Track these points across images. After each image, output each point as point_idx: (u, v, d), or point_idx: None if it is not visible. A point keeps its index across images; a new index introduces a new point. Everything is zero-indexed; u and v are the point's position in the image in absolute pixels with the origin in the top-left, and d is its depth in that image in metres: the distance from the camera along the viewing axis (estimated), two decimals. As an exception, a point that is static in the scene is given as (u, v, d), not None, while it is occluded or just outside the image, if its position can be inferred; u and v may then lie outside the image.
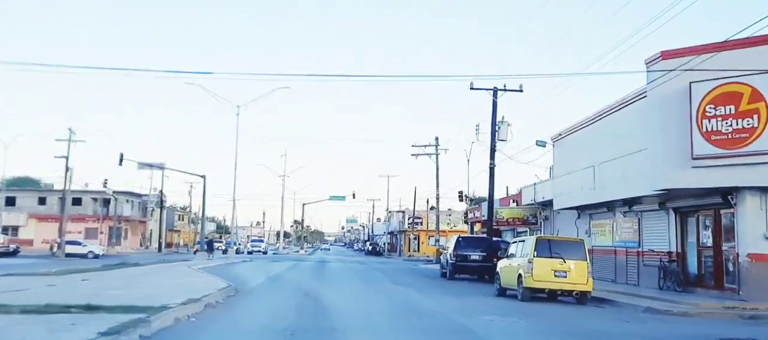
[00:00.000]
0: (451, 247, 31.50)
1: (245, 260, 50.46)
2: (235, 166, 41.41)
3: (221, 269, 31.59)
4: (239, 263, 42.72)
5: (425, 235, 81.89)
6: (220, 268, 33.32)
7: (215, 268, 32.78)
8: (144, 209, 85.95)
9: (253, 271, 32.43)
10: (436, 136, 57.93)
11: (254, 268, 36.02)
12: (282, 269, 36.52)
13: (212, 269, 31.67)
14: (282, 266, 39.34)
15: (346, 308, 15.96)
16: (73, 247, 54.04)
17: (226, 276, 25.35)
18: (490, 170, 34.10)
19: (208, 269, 30.43)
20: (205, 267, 32.90)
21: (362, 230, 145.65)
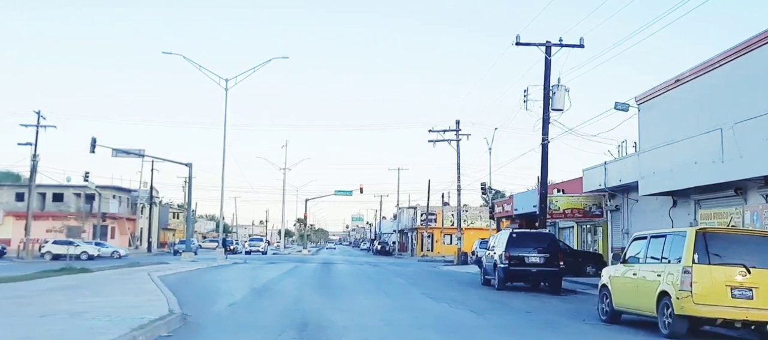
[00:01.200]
0: (501, 245, 23.33)
1: (238, 261, 42.38)
2: (224, 150, 34.92)
3: (193, 278, 23.58)
4: (227, 267, 34.66)
5: (440, 233, 73.76)
6: (192, 276, 25.29)
7: (186, 275, 24.78)
8: (133, 206, 77.98)
9: (236, 279, 24.29)
10: (457, 119, 49.92)
11: (240, 274, 27.90)
12: (277, 274, 28.46)
13: (181, 277, 23.66)
14: (277, 271, 31.26)
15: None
16: (60, 247, 47.03)
17: (189, 291, 17.34)
18: (542, 147, 26.01)
19: (174, 278, 22.37)
20: (176, 273, 24.88)
21: (368, 229, 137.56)
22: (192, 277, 24.02)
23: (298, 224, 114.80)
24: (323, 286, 22.24)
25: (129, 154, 42.25)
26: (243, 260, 44.17)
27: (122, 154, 42.26)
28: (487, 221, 75.44)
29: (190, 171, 42.56)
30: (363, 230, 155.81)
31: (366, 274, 32.09)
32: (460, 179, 49.58)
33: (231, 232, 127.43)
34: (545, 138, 25.38)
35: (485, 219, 75.17)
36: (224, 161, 41.51)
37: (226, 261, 38.89)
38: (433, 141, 49.80)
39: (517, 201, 41.60)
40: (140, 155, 41.95)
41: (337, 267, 39.48)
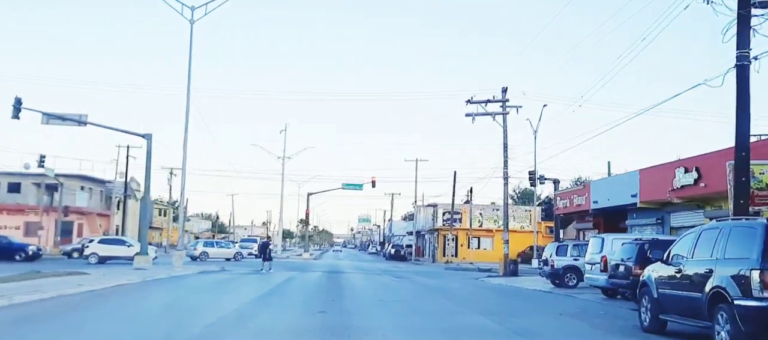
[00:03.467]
0: (686, 249, 11.40)
1: (210, 270, 30.65)
2: (188, 109, 25.66)
3: (111, 304, 11.86)
4: (185, 277, 23.07)
5: (465, 235, 61.87)
6: (115, 296, 13.57)
7: (108, 294, 13.04)
8: (108, 200, 66.38)
9: (179, 310, 12.64)
10: (504, 86, 38.11)
11: (194, 296, 16.16)
12: (255, 295, 16.82)
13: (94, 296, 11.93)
14: (256, 289, 19.55)
15: None
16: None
17: None
18: (738, 69, 14.04)
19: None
20: (91, 292, 13.15)
21: (376, 231, 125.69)
22: (46, 312, 12.32)
23: (300, 225, 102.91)
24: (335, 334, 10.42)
25: (65, 120, 30.67)
26: (219, 268, 32.39)
27: (56, 120, 30.71)
28: (523, 221, 63.64)
29: (148, 145, 31.01)
30: (370, 232, 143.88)
31: (396, 293, 20.54)
32: (507, 163, 37.71)
33: (228, 233, 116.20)
34: (745, 52, 13.46)
35: (520, 219, 63.34)
36: (187, 127, 29.93)
37: (190, 269, 27.03)
38: (472, 115, 37.97)
39: (598, 191, 29.83)
40: (80, 122, 30.36)
41: (349, 279, 27.85)
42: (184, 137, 30.45)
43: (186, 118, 29.76)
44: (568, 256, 25.78)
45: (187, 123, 29.95)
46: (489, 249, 61.16)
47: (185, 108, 29.86)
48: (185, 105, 29.92)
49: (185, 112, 29.81)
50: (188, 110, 29.95)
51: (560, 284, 25.69)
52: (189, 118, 29.90)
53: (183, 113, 30.36)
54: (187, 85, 29.92)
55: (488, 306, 17.02)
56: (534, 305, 17.98)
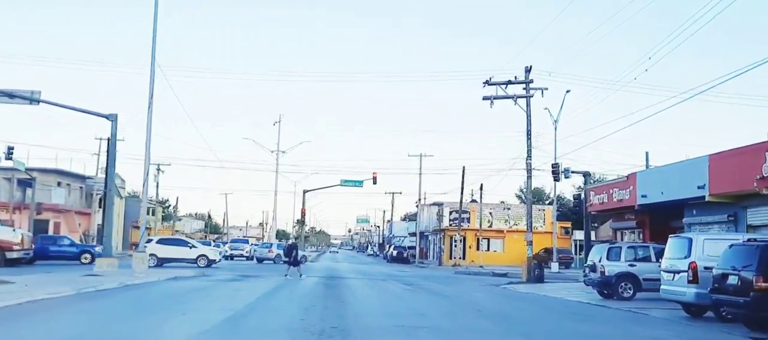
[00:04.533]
0: None
1: (186, 276, 25.54)
2: (152, 80, 21.75)
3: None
4: (141, 287, 18.02)
5: (473, 236, 56.81)
6: None
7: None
8: (88, 197, 61.24)
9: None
10: (527, 65, 33.14)
11: (127, 322, 11.17)
12: (223, 316, 11.85)
13: None
14: (230, 306, 14.34)
15: None
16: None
17: None
18: None
19: None
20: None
21: (376, 231, 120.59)
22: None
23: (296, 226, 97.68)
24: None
25: (13, 98, 25.66)
26: (199, 274, 27.29)
27: (3, 97, 25.58)
28: (536, 221, 58.48)
29: (113, 127, 26.15)
30: (368, 233, 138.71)
31: (414, 308, 15.61)
32: (531, 153, 32.76)
33: (222, 233, 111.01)
34: None
35: (534, 219, 58.07)
36: (151, 100, 24.86)
37: (144, 278, 21.75)
38: (491, 98, 33.10)
39: (647, 183, 24.85)
40: (32, 100, 25.38)
41: (351, 288, 22.83)
42: (148, 116, 25.37)
43: (151, 87, 24.70)
44: (622, 261, 20.81)
45: (151, 94, 24.84)
46: (499, 251, 56.17)
47: (149, 77, 24.79)
48: (149, 75, 24.87)
49: (149, 81, 24.75)
50: (153, 76, 24.87)
51: (611, 294, 20.74)
52: (154, 89, 24.85)
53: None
54: (152, 50, 24.90)
55: (554, 332, 12.13)
56: (614, 332, 12.99)
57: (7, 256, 30.85)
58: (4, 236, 31.47)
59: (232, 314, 12.16)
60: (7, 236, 32.01)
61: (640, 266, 20.69)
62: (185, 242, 36.71)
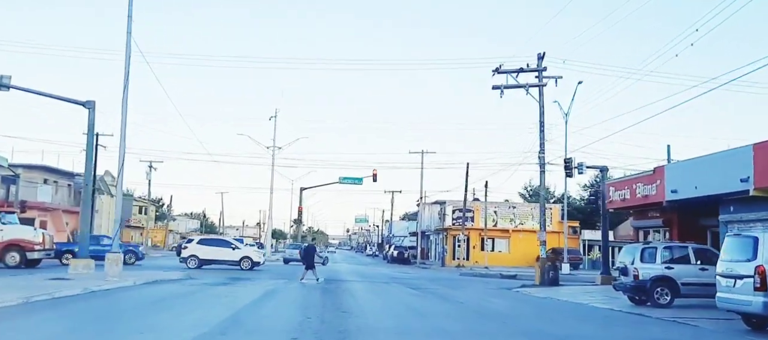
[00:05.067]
0: None
1: (167, 279, 23.04)
2: (128, 56, 20.04)
3: None
4: (109, 294, 15.57)
5: (477, 236, 54.34)
6: None
7: None
8: (76, 195, 58.57)
9: None
10: (540, 52, 30.71)
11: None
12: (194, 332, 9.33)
13: None
14: (205, 319, 11.87)
15: None
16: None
17: None
18: None
19: None
20: None
21: (375, 231, 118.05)
22: None
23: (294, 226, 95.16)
24: None
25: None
26: (184, 276, 24.81)
27: (-32, 82, 23.07)
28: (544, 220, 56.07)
29: (91, 115, 23.75)
30: (367, 233, 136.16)
31: (431, 322, 12.95)
32: (544, 146, 30.35)
33: (217, 233, 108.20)
34: None
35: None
36: (128, 65, 22.29)
37: (117, 282, 19.24)
38: (501, 88, 30.64)
39: (677, 177, 22.40)
40: (1, 85, 22.65)
41: (352, 292, 20.38)
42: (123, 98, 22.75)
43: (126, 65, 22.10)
44: (658, 262, 18.38)
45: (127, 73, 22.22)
46: (504, 251, 53.72)
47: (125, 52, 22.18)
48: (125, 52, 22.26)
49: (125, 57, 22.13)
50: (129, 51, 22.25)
51: (644, 300, 18.34)
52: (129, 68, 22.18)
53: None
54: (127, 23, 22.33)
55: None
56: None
57: (28, 256, 29.64)
58: (24, 236, 30.23)
59: (202, 334, 9.65)
60: (28, 236, 30.58)
61: (678, 269, 18.27)
62: (228, 242, 34.31)
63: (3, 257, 29.65)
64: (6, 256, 29.66)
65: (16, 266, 28.91)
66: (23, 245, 29.59)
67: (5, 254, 29.63)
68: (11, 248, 29.75)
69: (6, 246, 30.47)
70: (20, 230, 30.90)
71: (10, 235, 29.89)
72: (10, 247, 29.79)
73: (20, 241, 29.75)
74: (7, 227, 30.29)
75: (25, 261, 29.24)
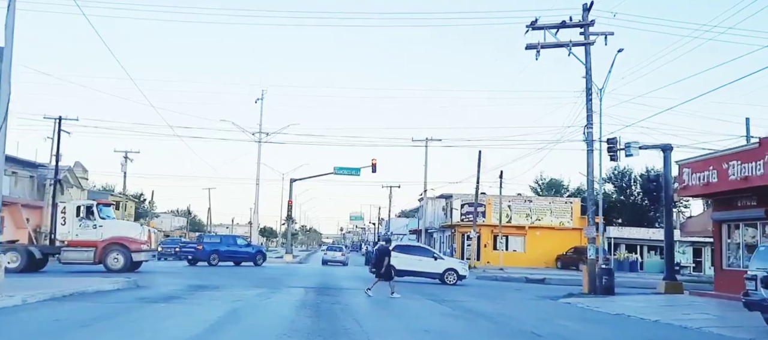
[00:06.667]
0: None
1: (106, 290, 16.53)
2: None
3: None
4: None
5: (489, 233, 48.00)
6: None
7: None
8: (40, 188, 51.93)
9: None
10: (586, 1, 24.37)
11: None
12: None
13: None
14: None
15: None
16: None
17: None
18: None
19: None
20: None
21: (372, 229, 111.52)
22: None
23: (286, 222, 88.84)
24: None
25: None
26: (131, 285, 18.29)
27: None
28: (562, 215, 49.85)
29: None
30: (362, 231, 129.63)
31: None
32: (591, 118, 24.05)
33: (206, 231, 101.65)
34: None
35: (559, 213, 49.55)
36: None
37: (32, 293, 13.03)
38: (536, 47, 24.46)
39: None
40: None
41: (354, 310, 13.89)
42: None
43: None
44: (825, 269, 12.05)
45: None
46: (519, 251, 47.45)
47: None
48: None
49: None
50: None
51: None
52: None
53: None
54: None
55: None
56: None
57: (134, 258, 25.78)
58: (128, 233, 26.24)
59: None
60: (133, 233, 26.40)
61: None
62: (428, 251, 27.82)
63: (104, 259, 25.29)
64: (108, 258, 25.32)
65: (120, 270, 24.68)
66: (130, 245, 25.50)
67: (107, 255, 25.31)
68: (113, 248, 25.38)
69: (107, 246, 25.52)
70: (123, 226, 27.49)
71: (112, 232, 25.70)
72: (112, 246, 25.41)
73: (124, 239, 25.59)
74: (107, 223, 26.02)
75: (130, 263, 25.39)
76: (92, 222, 25.66)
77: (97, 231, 25.58)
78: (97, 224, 25.66)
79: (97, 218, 25.80)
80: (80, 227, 25.60)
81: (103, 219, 26.01)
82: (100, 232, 25.57)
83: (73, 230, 25.67)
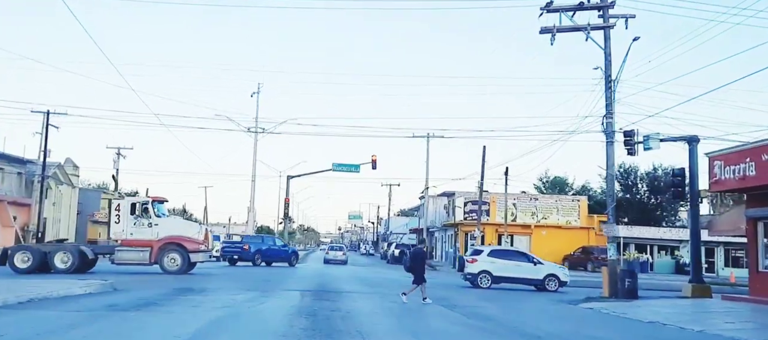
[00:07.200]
0: None
1: (30, 299, 14.56)
2: None
3: None
4: None
5: (493, 232, 46.13)
6: None
7: None
8: (28, 185, 49.98)
9: None
10: (607, -21, 22.52)
11: None
12: None
13: None
14: None
15: None
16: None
17: None
18: None
19: None
20: None
21: (369, 229, 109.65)
22: None
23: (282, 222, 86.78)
24: None
25: None
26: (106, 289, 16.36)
27: None
28: (569, 214, 47.95)
29: None
30: (361, 230, 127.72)
31: None
32: (611, 108, 22.25)
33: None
34: None
35: (565, 212, 47.67)
36: None
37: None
38: (552, 30, 22.67)
39: None
40: None
41: (361, 322, 11.85)
42: None
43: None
44: None
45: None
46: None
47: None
48: None
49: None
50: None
51: None
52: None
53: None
54: None
55: None
56: None
57: (192, 259, 24.45)
58: (188, 233, 24.77)
59: None
60: (191, 232, 24.91)
61: None
62: (526, 255, 25.83)
63: (160, 260, 23.92)
64: (164, 258, 23.96)
65: (177, 272, 23.58)
66: (188, 245, 24.14)
67: (163, 256, 23.95)
68: (170, 248, 24.02)
69: (163, 246, 23.84)
70: (180, 225, 25.92)
71: (168, 231, 24.29)
72: (168, 246, 24.02)
73: (181, 239, 24.18)
74: (163, 221, 24.62)
75: (187, 264, 24.16)
76: (147, 220, 24.09)
77: (152, 230, 24.04)
78: (153, 222, 24.11)
79: (153, 216, 24.25)
80: (135, 225, 24.03)
81: (159, 217, 24.45)
82: (156, 231, 24.07)
83: (127, 229, 24.05)
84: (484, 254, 25.15)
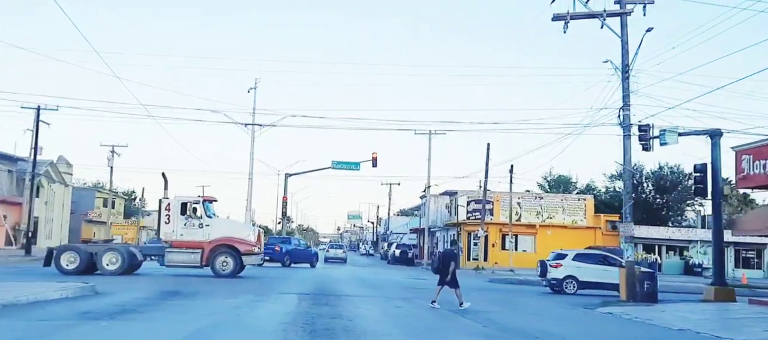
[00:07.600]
0: None
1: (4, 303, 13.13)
2: None
3: None
4: None
5: (497, 232, 44.78)
6: None
7: None
8: (19, 183, 48.66)
9: None
10: (623, -35, 21.19)
11: None
12: None
13: None
14: None
15: None
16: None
17: None
18: None
19: None
20: None
21: (371, 228, 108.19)
22: None
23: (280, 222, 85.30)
24: None
25: None
26: (55, 299, 14.89)
27: None
28: (575, 213, 46.57)
29: None
30: (360, 230, 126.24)
31: None
32: (628, 101, 20.89)
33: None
34: None
35: (571, 211, 46.31)
36: None
37: None
38: (565, 18, 21.34)
39: None
40: None
41: (363, 325, 10.43)
42: None
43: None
44: None
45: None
46: (529, 251, 44.12)
47: None
48: None
49: None
50: None
51: None
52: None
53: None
54: None
55: None
56: None
57: (245, 262, 23.44)
58: (240, 234, 23.57)
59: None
60: (244, 234, 23.67)
61: None
62: (612, 260, 24.35)
63: (212, 262, 22.89)
64: (216, 261, 22.87)
65: (229, 275, 22.61)
66: (241, 248, 23.06)
67: (215, 259, 22.86)
68: (221, 250, 22.91)
69: (215, 247, 22.95)
70: (231, 225, 24.80)
71: (219, 232, 23.14)
72: (220, 248, 22.93)
73: (233, 240, 23.08)
74: (214, 222, 23.45)
75: (239, 267, 23.14)
76: (198, 221, 22.76)
77: (203, 231, 22.74)
78: (204, 222, 22.80)
79: (203, 216, 22.92)
80: (185, 226, 22.67)
81: (210, 217, 23.16)
82: (207, 232, 22.78)
83: (178, 230, 22.70)
84: (568, 257, 23.71)
